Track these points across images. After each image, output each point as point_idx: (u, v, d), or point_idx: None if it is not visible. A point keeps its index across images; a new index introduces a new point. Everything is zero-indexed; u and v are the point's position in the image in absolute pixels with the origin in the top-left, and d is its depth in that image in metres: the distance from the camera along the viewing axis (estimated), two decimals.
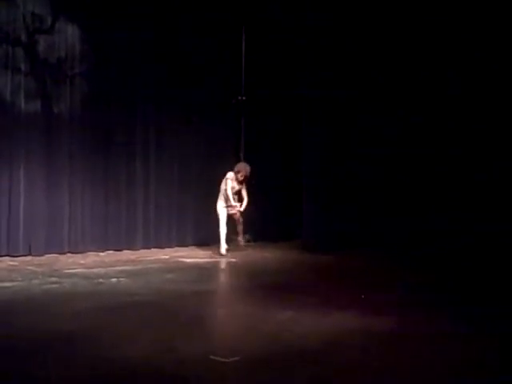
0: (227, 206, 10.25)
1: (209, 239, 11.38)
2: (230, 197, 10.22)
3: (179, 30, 11.24)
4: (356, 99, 11.07)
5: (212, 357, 4.44)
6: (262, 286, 7.58)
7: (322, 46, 11.30)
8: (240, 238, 10.54)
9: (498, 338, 5.16)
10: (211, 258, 10.07)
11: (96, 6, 10.39)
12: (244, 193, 10.40)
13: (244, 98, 12.28)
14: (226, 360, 4.39)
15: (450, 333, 5.33)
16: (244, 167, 10.42)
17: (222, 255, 10.04)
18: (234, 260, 9.86)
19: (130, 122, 10.94)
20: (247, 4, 12.10)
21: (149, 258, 9.90)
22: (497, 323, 5.62)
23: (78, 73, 10.40)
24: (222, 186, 10.34)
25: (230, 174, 10.33)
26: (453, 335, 5.26)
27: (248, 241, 11.79)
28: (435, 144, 10.40)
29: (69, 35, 10.30)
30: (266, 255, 10.49)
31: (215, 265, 9.50)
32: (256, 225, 11.59)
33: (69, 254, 9.96)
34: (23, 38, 9.88)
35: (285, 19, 11.96)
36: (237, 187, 10.36)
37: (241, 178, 10.29)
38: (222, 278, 8.29)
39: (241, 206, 10.33)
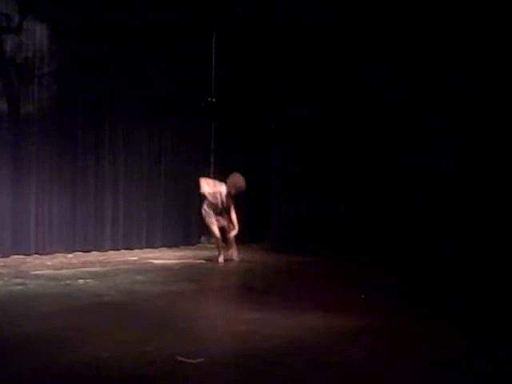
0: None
1: (178, 240, 11.37)
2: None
3: (149, 32, 11.20)
4: (327, 101, 11.13)
5: (178, 358, 4.43)
6: (231, 287, 7.60)
7: (294, 47, 11.39)
8: (234, 253, 9.86)
9: (469, 335, 5.24)
10: (180, 259, 10.04)
11: (65, 4, 10.30)
12: (232, 212, 9.63)
13: (214, 99, 12.29)
14: (192, 361, 4.38)
15: (418, 331, 5.39)
16: (239, 180, 9.51)
17: (220, 264, 9.63)
18: (203, 261, 9.84)
19: (99, 123, 10.87)
20: (218, 6, 12.12)
21: (117, 259, 9.84)
22: (468, 319, 5.72)
23: (46, 73, 10.31)
24: (211, 201, 9.62)
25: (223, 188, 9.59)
26: (422, 334, 5.32)
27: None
28: (404, 144, 10.46)
29: (37, 35, 10.20)
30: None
31: (184, 266, 9.46)
32: None
33: (35, 256, 9.85)
34: None
35: (256, 21, 12.02)
36: (225, 203, 9.65)
37: (236, 193, 9.54)
38: (191, 280, 8.25)
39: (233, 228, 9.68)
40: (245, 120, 12.40)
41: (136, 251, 10.82)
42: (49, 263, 9.21)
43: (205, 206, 9.74)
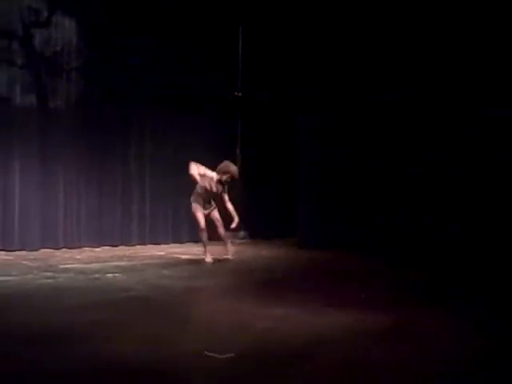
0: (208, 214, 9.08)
1: None
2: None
3: (177, 26, 11.24)
4: (354, 96, 11.05)
5: (206, 353, 4.44)
6: (256, 283, 7.59)
7: (321, 43, 11.33)
8: (230, 251, 9.37)
9: (494, 336, 5.19)
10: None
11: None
12: (227, 202, 9.05)
13: (240, 94, 12.29)
14: (220, 356, 4.40)
15: (443, 331, 5.35)
16: (233, 168, 9.06)
17: (208, 263, 9.05)
18: (228, 257, 9.85)
19: (126, 117, 10.95)
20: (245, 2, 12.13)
21: (144, 254, 9.91)
22: (493, 319, 5.66)
23: (75, 67, 10.41)
24: (201, 185, 9.12)
25: (213, 174, 9.07)
26: (446, 333, 5.28)
27: (243, 238, 11.84)
28: (427, 146, 10.36)
29: (66, 29, 10.32)
30: (260, 252, 10.49)
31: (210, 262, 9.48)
32: (251, 222, 11.61)
33: (64, 249, 9.97)
34: (19, 31, 9.89)
35: (283, 15, 12.00)
36: (214, 190, 9.12)
37: (228, 180, 9.01)
38: (217, 275, 8.28)
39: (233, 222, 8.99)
40: (271, 115, 12.38)
41: (163, 246, 10.88)
42: (77, 257, 9.31)
43: (193, 201, 9.22)
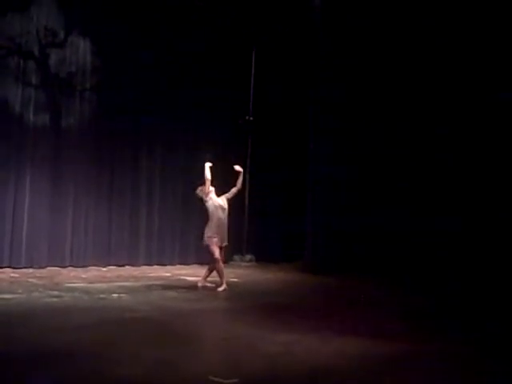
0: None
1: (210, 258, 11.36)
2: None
3: (190, 49, 11.32)
4: (366, 119, 11.08)
5: (211, 377, 4.40)
6: (264, 307, 7.53)
7: (331, 66, 11.39)
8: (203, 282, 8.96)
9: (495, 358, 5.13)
10: (213, 277, 10.01)
11: (108, 21, 10.51)
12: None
13: (251, 118, 12.32)
14: (225, 381, 4.35)
15: (458, 357, 5.28)
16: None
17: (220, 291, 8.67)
18: (235, 280, 9.82)
19: (137, 138, 11.00)
20: (258, 26, 12.19)
21: (150, 275, 9.88)
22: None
23: (88, 87, 10.48)
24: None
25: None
26: (463, 359, 5.21)
27: (250, 260, 11.82)
28: (443, 163, 10.37)
29: (80, 50, 10.42)
30: (267, 276, 10.44)
31: (217, 284, 9.44)
32: (258, 245, 11.59)
33: (70, 268, 9.96)
34: (35, 51, 10.00)
35: (295, 41, 12.08)
36: (221, 202, 8.96)
37: (210, 188, 8.92)
38: (223, 298, 8.23)
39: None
40: (282, 140, 12.39)
41: (169, 267, 10.85)
42: (83, 276, 9.29)
43: (208, 236, 8.84)
